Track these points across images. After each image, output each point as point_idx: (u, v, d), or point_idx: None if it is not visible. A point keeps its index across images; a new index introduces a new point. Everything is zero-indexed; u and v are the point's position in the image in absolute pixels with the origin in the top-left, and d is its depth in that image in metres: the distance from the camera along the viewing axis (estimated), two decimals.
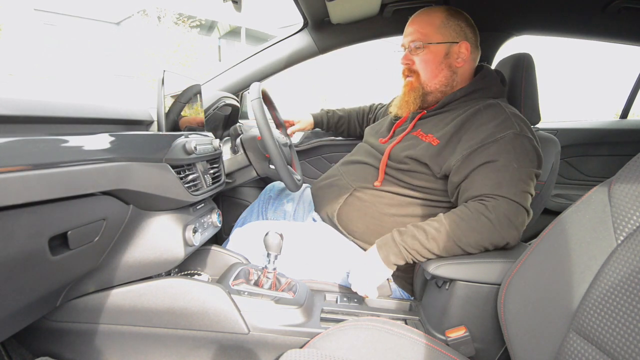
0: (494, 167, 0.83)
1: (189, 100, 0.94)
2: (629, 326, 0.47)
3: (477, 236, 0.78)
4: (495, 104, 0.93)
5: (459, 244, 0.78)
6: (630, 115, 1.79)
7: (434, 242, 0.79)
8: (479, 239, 0.78)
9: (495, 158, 0.83)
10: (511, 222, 0.78)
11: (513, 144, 0.84)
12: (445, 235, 0.79)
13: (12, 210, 0.47)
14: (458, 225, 0.79)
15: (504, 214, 0.78)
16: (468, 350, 0.75)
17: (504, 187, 0.81)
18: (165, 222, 0.80)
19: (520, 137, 0.85)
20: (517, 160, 0.83)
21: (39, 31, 9.30)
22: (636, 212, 0.51)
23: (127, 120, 0.76)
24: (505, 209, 0.79)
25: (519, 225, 0.79)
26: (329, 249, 1.01)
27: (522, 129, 0.87)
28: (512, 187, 0.80)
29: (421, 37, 0.98)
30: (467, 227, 0.78)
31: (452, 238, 0.78)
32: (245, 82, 1.48)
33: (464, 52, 0.98)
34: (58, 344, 0.82)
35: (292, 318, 0.81)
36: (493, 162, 0.83)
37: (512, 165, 0.82)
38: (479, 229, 0.78)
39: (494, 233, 0.78)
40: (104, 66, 10.05)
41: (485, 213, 0.78)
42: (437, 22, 0.98)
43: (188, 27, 10.37)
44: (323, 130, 1.52)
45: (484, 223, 0.78)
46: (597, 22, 1.31)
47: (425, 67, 1.00)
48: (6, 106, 0.50)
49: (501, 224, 0.78)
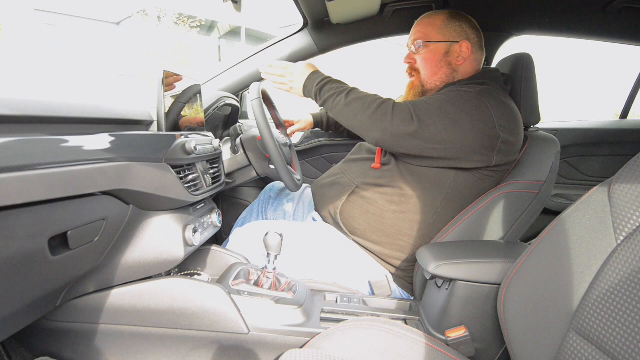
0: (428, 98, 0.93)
1: (189, 100, 0.94)
2: (629, 326, 0.47)
3: (367, 99, 0.92)
4: (487, 89, 0.94)
5: (352, 96, 0.93)
6: (630, 115, 1.79)
7: (337, 95, 0.95)
8: (364, 98, 0.92)
9: (437, 97, 0.92)
10: (394, 111, 0.88)
11: (456, 94, 0.91)
12: (349, 92, 0.94)
13: (12, 210, 0.47)
14: (359, 95, 0.94)
15: (395, 104, 0.89)
16: (468, 350, 0.75)
17: (410, 100, 0.92)
18: (165, 222, 0.80)
19: (469, 94, 0.90)
20: (447, 99, 0.89)
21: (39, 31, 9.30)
22: (636, 212, 0.51)
23: (127, 120, 0.76)
24: (400, 105, 0.89)
25: (393, 115, 0.88)
26: (329, 249, 1.01)
27: (482, 93, 0.91)
28: (416, 101, 0.91)
29: (422, 37, 1.02)
30: (362, 99, 0.92)
31: (353, 94, 0.94)
32: (245, 82, 1.48)
33: (465, 51, 1.00)
34: (58, 344, 0.82)
35: (292, 318, 0.81)
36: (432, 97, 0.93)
37: (437, 100, 0.90)
38: (367, 100, 0.92)
39: (373, 105, 0.90)
40: (104, 66, 10.04)
41: (384, 100, 0.91)
42: (438, 22, 1.01)
43: (188, 27, 10.37)
44: (323, 130, 1.52)
45: (377, 99, 0.92)
46: (597, 22, 1.31)
47: (425, 65, 1.03)
48: (6, 106, 0.50)
49: (386, 105, 0.89)
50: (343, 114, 0.93)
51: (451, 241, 0.91)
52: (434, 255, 0.81)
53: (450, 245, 0.88)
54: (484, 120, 0.86)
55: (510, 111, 0.91)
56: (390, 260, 1.00)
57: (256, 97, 1.01)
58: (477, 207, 0.91)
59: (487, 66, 1.09)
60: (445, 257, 0.79)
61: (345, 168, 1.12)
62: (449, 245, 0.89)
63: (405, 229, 0.97)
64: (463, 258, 0.78)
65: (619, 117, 1.84)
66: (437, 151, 0.88)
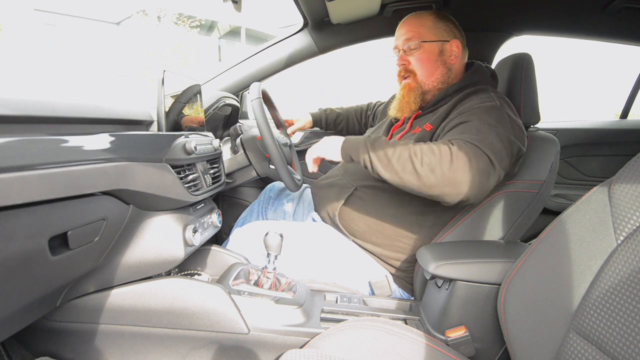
0: (466, 125, 0.86)
1: (189, 100, 0.94)
2: (629, 326, 0.47)
3: (432, 157, 0.77)
4: (485, 88, 0.97)
5: (413, 158, 0.78)
6: (630, 115, 1.79)
7: (393, 149, 0.81)
8: (433, 159, 0.77)
9: (469, 119, 0.86)
10: (469, 162, 0.76)
11: (489, 112, 0.87)
12: (406, 149, 0.81)
13: (12, 210, 0.47)
14: (421, 147, 0.80)
15: (465, 151, 0.77)
16: (468, 350, 0.75)
17: (473, 136, 0.81)
18: (165, 222, 0.80)
19: (497, 109, 0.88)
20: (488, 123, 0.84)
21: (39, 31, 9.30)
22: (636, 212, 0.51)
23: (127, 120, 0.76)
24: (467, 149, 0.77)
25: (479, 172, 0.76)
26: (329, 249, 1.01)
27: (502, 105, 0.90)
28: (480, 137, 0.80)
29: (416, 36, 1.00)
30: (428, 148, 0.79)
31: (410, 152, 0.80)
32: (245, 82, 1.48)
33: (456, 50, 1.01)
34: (58, 344, 0.82)
35: (292, 318, 0.81)
36: (466, 122, 0.86)
37: (484, 125, 0.83)
38: (437, 152, 0.78)
39: (445, 162, 0.77)
40: (104, 66, 10.04)
41: (449, 145, 0.79)
42: (429, 23, 1.01)
43: (188, 27, 10.36)
44: (322, 129, 1.52)
45: (444, 151, 0.78)
46: (597, 22, 1.31)
47: (421, 66, 1.02)
48: (6, 106, 0.50)
49: (458, 157, 0.76)
50: (413, 172, 0.79)
51: (451, 241, 0.91)
52: (433, 255, 0.81)
53: (450, 245, 0.88)
54: (517, 134, 0.86)
55: (518, 119, 0.92)
56: (390, 261, 1.00)
57: (256, 97, 1.01)
58: (477, 207, 0.91)
59: (485, 65, 1.08)
60: (445, 257, 0.79)
61: (345, 169, 1.12)
62: (449, 245, 0.89)
63: (405, 230, 0.97)
64: (463, 258, 0.78)
65: (619, 117, 1.84)
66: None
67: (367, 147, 0.85)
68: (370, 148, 0.84)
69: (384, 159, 0.82)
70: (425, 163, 0.77)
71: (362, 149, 0.85)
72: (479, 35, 1.43)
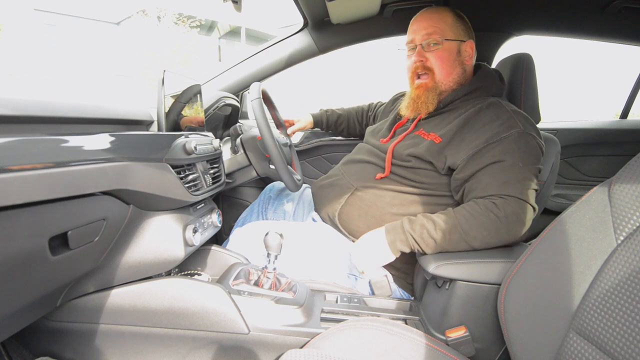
0: (500, 167, 0.84)
1: (189, 100, 0.94)
2: (629, 326, 0.47)
3: (485, 232, 0.79)
4: (496, 102, 0.94)
5: (466, 238, 0.79)
6: (630, 115, 1.79)
7: (441, 232, 0.80)
8: (486, 235, 0.79)
9: (502, 158, 0.84)
10: (519, 220, 0.80)
11: (518, 143, 0.85)
12: (453, 227, 0.80)
13: (12, 210, 0.47)
14: (467, 219, 0.80)
15: (512, 212, 0.79)
16: (468, 350, 0.75)
17: (511, 187, 0.82)
18: (165, 222, 0.79)
19: (524, 136, 0.86)
20: (522, 159, 0.84)
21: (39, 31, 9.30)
22: (636, 212, 0.51)
23: (127, 120, 0.76)
24: (514, 207, 0.80)
25: (527, 222, 0.81)
26: (329, 249, 1.01)
27: (526, 126, 0.88)
28: (518, 186, 0.82)
29: (438, 32, 0.96)
30: (476, 222, 0.80)
31: (459, 231, 0.80)
32: (245, 82, 1.48)
33: (470, 51, 1.00)
34: (58, 344, 0.82)
35: (292, 318, 0.81)
36: (499, 162, 0.84)
37: (518, 164, 0.83)
38: (487, 225, 0.79)
39: (502, 230, 0.79)
40: (104, 66, 10.04)
41: (494, 210, 0.80)
42: (450, 20, 0.98)
43: (188, 27, 10.36)
44: (323, 130, 1.52)
45: (492, 220, 0.79)
46: (597, 22, 1.31)
47: (441, 65, 0.98)
48: (6, 106, 0.50)
49: (509, 221, 0.79)
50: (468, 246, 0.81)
51: None
52: (433, 255, 0.81)
53: None
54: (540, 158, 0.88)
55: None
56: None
57: (256, 97, 1.01)
58: None
59: (479, 62, 1.07)
60: (445, 257, 0.79)
61: (345, 170, 1.12)
62: None
63: None
64: (463, 258, 0.78)
65: (619, 117, 1.84)
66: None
67: (410, 234, 0.84)
68: (413, 234, 0.83)
69: (431, 242, 0.82)
70: (479, 238, 0.80)
71: (404, 237, 0.85)
72: (479, 35, 1.42)
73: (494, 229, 0.79)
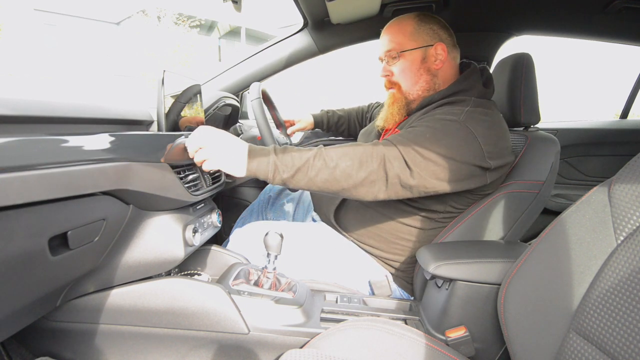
0: (409, 129, 0.84)
1: (189, 100, 0.94)
2: (629, 326, 0.47)
3: (348, 162, 0.76)
4: (465, 99, 0.91)
5: (326, 158, 0.76)
6: (630, 115, 1.79)
7: (305, 158, 0.76)
8: (346, 152, 0.77)
9: (416, 125, 0.85)
10: (382, 161, 0.77)
11: (443, 124, 0.82)
12: (318, 153, 0.77)
13: (12, 210, 0.47)
14: (337, 149, 0.78)
15: (382, 150, 0.77)
16: (468, 350, 0.75)
17: (400, 138, 0.80)
18: (165, 222, 0.80)
19: (456, 124, 0.82)
20: (434, 133, 0.80)
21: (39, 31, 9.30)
22: (636, 212, 0.51)
23: (127, 120, 0.76)
24: (387, 149, 0.78)
25: (389, 170, 0.77)
26: (329, 249, 1.01)
27: (468, 121, 0.83)
28: (407, 143, 0.78)
29: (395, 47, 0.96)
30: (342, 151, 0.78)
31: (324, 157, 0.77)
32: (245, 82, 1.48)
33: (441, 53, 0.95)
34: (58, 344, 0.82)
35: (292, 318, 0.81)
36: (413, 127, 0.84)
37: (425, 134, 0.80)
38: (352, 155, 0.77)
39: (362, 156, 0.76)
40: (104, 66, 10.04)
41: (368, 147, 0.78)
42: (409, 29, 0.95)
43: (188, 27, 10.37)
44: (323, 131, 1.52)
45: (359, 152, 0.77)
46: (597, 22, 1.31)
47: (404, 76, 0.97)
48: (6, 106, 0.50)
49: (373, 155, 0.77)
50: (328, 179, 0.76)
51: (451, 241, 0.91)
52: (433, 255, 0.81)
53: (450, 245, 0.88)
54: (474, 154, 0.81)
55: (495, 133, 0.85)
56: (389, 262, 1.00)
57: (256, 97, 1.01)
58: (477, 207, 0.91)
59: (465, 61, 1.04)
60: (445, 257, 0.79)
61: None
62: (449, 245, 0.88)
63: (403, 234, 0.96)
64: (463, 258, 0.78)
65: (619, 117, 1.84)
66: (434, 193, 0.83)
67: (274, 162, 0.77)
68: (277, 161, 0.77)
69: (289, 163, 0.76)
70: (338, 154, 0.77)
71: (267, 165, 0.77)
72: (479, 35, 1.43)
73: (358, 152, 0.76)
